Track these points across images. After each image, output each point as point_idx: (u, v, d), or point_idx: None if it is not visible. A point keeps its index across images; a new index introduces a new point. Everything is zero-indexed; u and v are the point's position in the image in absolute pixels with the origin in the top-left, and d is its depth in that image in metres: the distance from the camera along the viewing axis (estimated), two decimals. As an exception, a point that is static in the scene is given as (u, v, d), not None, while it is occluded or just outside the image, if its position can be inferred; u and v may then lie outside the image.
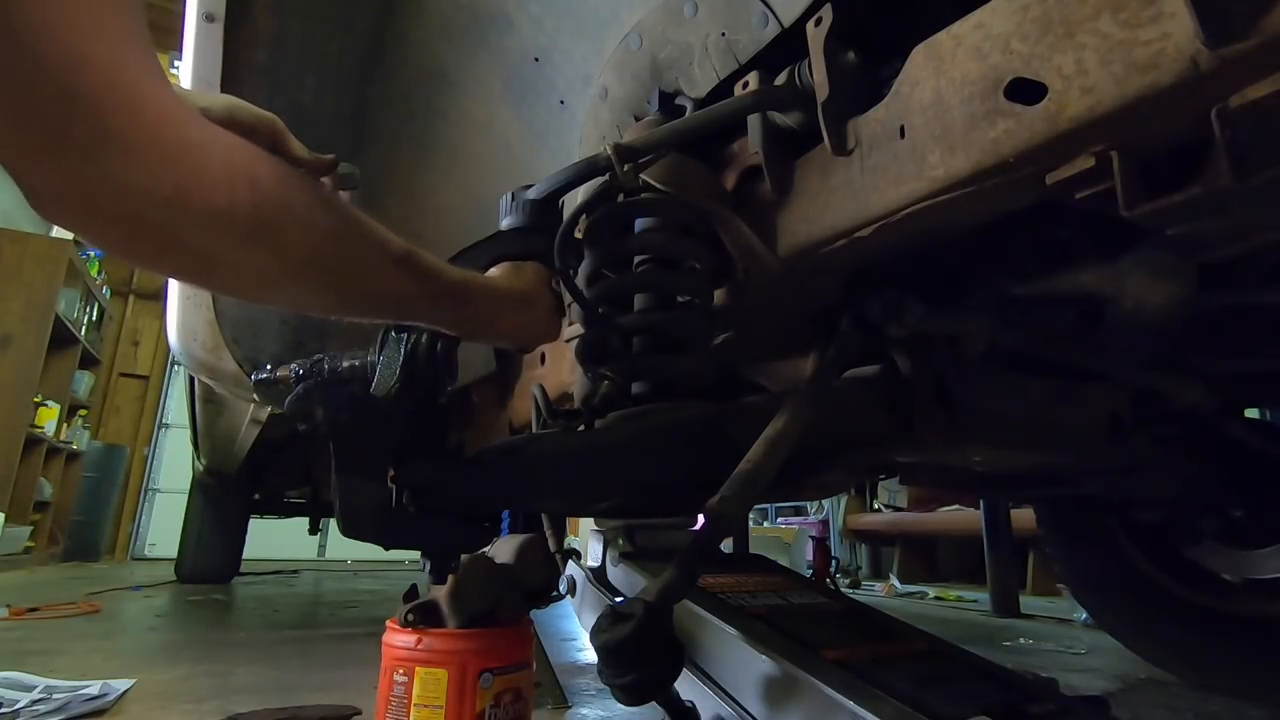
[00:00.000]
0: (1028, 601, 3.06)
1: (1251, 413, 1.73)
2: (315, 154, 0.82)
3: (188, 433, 3.21)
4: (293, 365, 0.94)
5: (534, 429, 0.92)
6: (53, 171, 0.40)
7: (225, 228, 0.47)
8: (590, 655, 1.27)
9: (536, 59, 1.10)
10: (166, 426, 6.63)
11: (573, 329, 1.03)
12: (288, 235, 0.52)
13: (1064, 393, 0.95)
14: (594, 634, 0.61)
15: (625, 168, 0.74)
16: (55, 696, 1.17)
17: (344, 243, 0.57)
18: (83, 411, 5.83)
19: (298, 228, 0.52)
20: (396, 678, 0.78)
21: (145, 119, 0.41)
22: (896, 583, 4.10)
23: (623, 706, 0.69)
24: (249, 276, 0.53)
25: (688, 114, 0.83)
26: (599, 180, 0.77)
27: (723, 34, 0.80)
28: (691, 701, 0.73)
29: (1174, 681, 1.52)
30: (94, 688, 1.22)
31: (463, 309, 0.71)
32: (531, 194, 0.82)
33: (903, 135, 0.64)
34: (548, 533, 1.02)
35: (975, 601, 3.22)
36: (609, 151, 0.74)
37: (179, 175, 0.43)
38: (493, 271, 0.80)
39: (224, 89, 1.11)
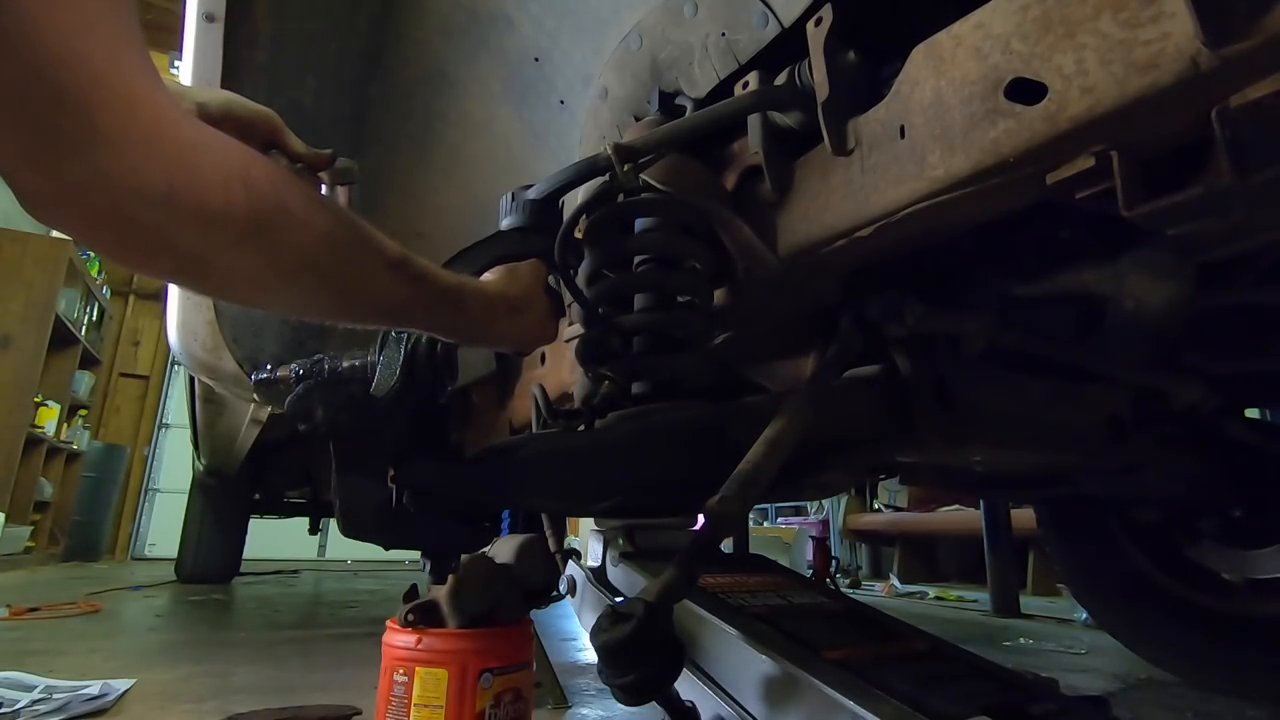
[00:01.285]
0: (1028, 601, 3.06)
1: (1251, 413, 1.73)
2: (313, 149, 0.82)
3: (188, 433, 3.21)
4: (293, 365, 0.94)
5: (534, 429, 0.92)
6: (45, 172, 0.39)
7: (219, 229, 0.47)
8: (590, 655, 1.27)
9: (536, 59, 1.10)
10: (166, 426, 6.64)
11: (573, 329, 1.03)
12: (282, 237, 0.51)
13: (1064, 393, 0.95)
14: (594, 634, 0.61)
15: (625, 168, 0.74)
16: (55, 696, 1.17)
17: (338, 246, 0.56)
18: (83, 411, 5.83)
19: (292, 230, 0.51)
20: (396, 678, 0.78)
21: (138, 118, 0.41)
22: (896, 583, 4.10)
23: (623, 706, 0.69)
24: (242, 279, 0.52)
25: (688, 114, 0.83)
26: (599, 180, 0.77)
27: (723, 34, 0.80)
28: (691, 701, 0.73)
29: (1174, 681, 1.52)
30: (94, 688, 1.22)
31: (456, 315, 0.71)
32: (531, 194, 0.82)
33: (903, 135, 0.64)
34: (548, 533, 1.02)
35: (975, 601, 3.22)
36: (609, 151, 0.74)
37: (172, 175, 0.43)
38: (488, 275, 0.79)
39: (224, 89, 1.11)
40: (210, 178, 0.45)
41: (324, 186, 0.86)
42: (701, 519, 0.68)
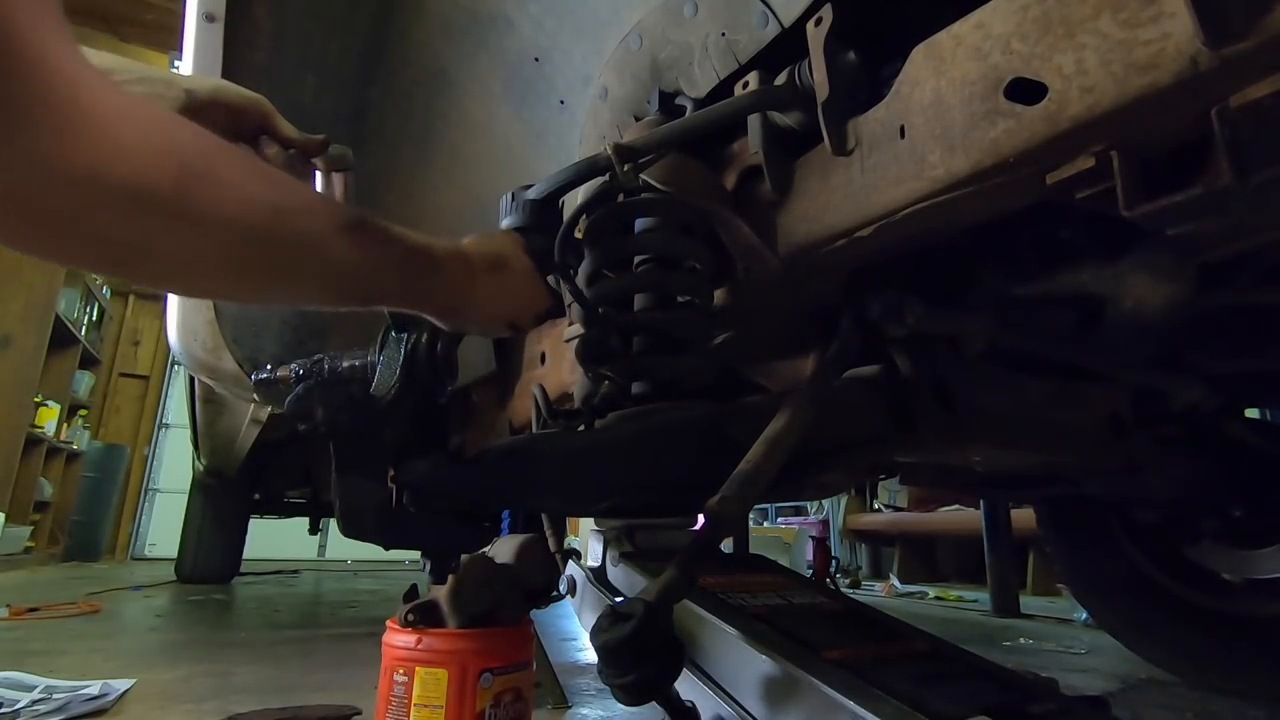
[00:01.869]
0: (1028, 601, 3.06)
1: (1251, 413, 1.73)
2: (306, 135, 0.80)
3: (188, 433, 3.21)
4: (293, 365, 0.94)
5: (534, 429, 0.92)
6: None
7: (148, 207, 0.43)
8: (590, 655, 1.27)
9: (536, 59, 1.10)
10: (166, 426, 6.63)
11: (573, 329, 1.03)
12: (218, 210, 0.46)
13: (1064, 393, 0.95)
14: (594, 634, 0.61)
15: (625, 168, 0.74)
16: (55, 696, 1.17)
17: (282, 214, 0.51)
18: (83, 411, 5.83)
19: (228, 201, 0.47)
20: (396, 678, 0.78)
21: (57, 88, 0.37)
22: (896, 583, 4.10)
23: (623, 706, 0.69)
24: (182, 262, 0.48)
25: (688, 114, 0.83)
26: (599, 180, 0.77)
27: (723, 34, 0.80)
28: (691, 701, 0.73)
29: (1174, 681, 1.52)
30: (94, 688, 1.22)
31: (432, 276, 0.66)
32: (532, 194, 0.82)
33: (903, 135, 0.64)
34: (548, 533, 1.02)
35: (975, 601, 3.22)
36: (609, 151, 0.74)
37: (95, 149, 0.39)
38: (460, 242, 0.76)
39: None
40: (135, 150, 0.41)
41: (319, 174, 0.85)
42: (701, 519, 0.68)
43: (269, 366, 1.03)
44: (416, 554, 0.82)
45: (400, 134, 1.32)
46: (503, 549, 0.91)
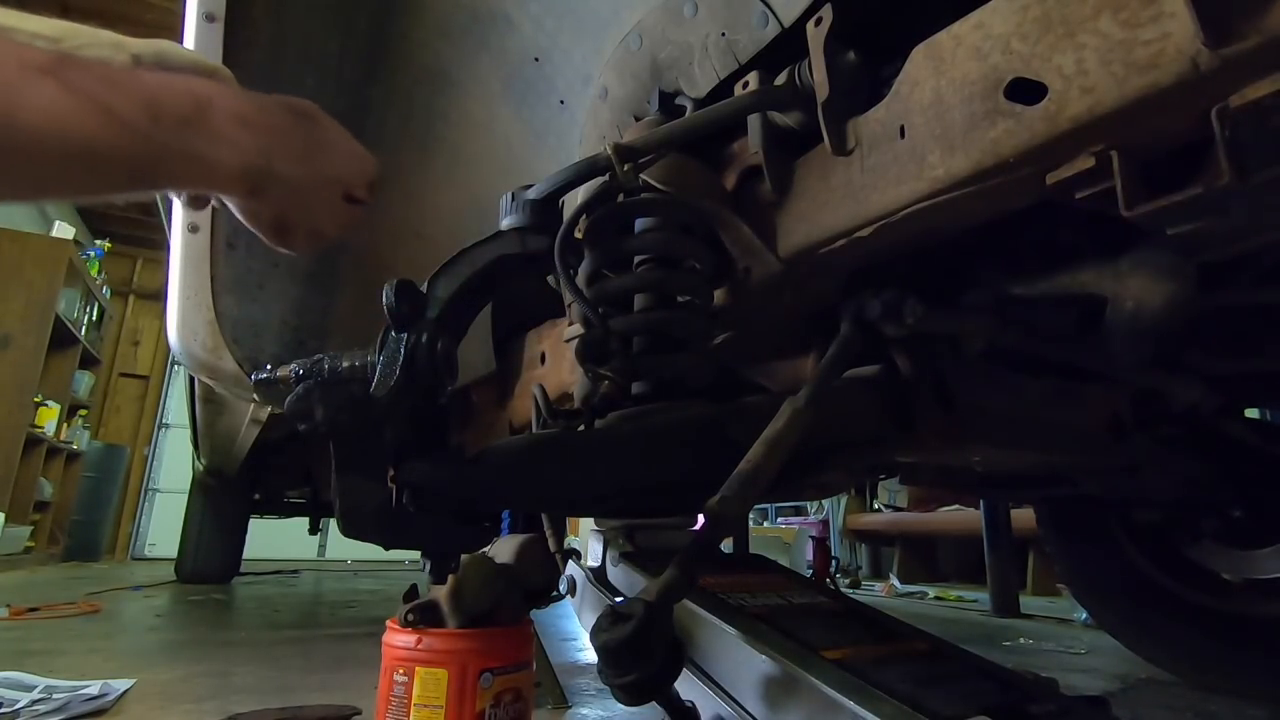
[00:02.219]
0: (1028, 601, 3.06)
1: (1251, 413, 1.73)
2: None
3: (188, 433, 3.21)
4: (293, 365, 0.94)
5: (534, 429, 0.92)
6: None
7: None
8: (590, 655, 1.27)
9: (536, 59, 1.10)
10: (166, 426, 6.63)
11: (573, 329, 1.03)
12: None
13: (1064, 393, 0.95)
14: (594, 634, 0.61)
15: (625, 168, 0.74)
16: (55, 696, 1.17)
17: None
18: (83, 411, 5.83)
19: None
20: (396, 678, 0.78)
21: None
22: (896, 583, 4.10)
23: (623, 706, 0.69)
24: None
25: (688, 114, 0.83)
26: (599, 180, 0.77)
27: (723, 34, 0.80)
28: (691, 701, 0.73)
29: (1174, 681, 1.53)
30: (94, 688, 1.22)
31: (212, 127, 0.51)
32: (531, 194, 0.82)
33: (903, 135, 0.64)
34: (548, 533, 1.02)
35: (975, 601, 3.23)
36: (609, 151, 0.74)
37: None
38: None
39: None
40: None
41: None
42: (701, 519, 0.68)
43: (269, 366, 1.03)
44: (416, 554, 0.82)
45: (401, 134, 1.32)
46: (503, 549, 0.91)
